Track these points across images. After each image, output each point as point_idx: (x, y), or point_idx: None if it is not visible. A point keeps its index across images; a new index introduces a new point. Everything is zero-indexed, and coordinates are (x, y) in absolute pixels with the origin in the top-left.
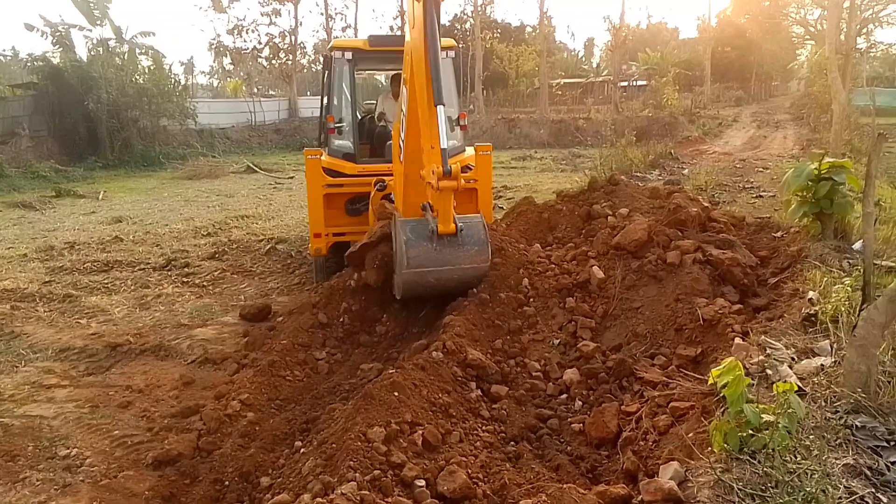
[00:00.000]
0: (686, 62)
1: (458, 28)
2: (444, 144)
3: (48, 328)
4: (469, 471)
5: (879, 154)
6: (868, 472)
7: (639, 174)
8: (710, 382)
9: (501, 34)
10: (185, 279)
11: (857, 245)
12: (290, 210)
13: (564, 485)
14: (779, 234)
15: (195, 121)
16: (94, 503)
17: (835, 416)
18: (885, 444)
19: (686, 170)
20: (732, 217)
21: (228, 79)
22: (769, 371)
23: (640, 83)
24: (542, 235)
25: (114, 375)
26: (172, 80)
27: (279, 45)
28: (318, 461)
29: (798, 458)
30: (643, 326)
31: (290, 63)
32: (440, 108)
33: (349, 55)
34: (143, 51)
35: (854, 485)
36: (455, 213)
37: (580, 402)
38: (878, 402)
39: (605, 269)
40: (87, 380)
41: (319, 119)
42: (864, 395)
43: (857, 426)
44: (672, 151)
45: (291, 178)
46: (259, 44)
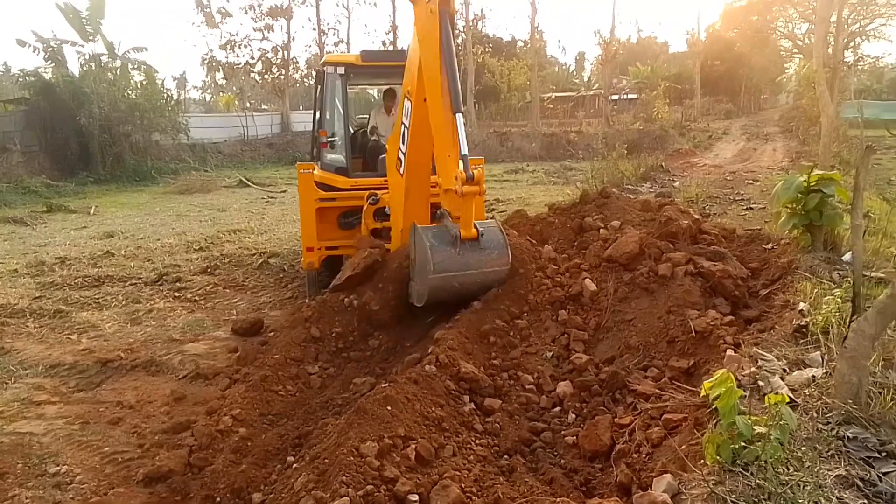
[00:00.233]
0: (676, 76)
1: None
2: (465, 150)
3: (38, 344)
4: (462, 485)
5: (867, 166)
6: (860, 483)
7: (630, 187)
8: (703, 394)
9: (493, 48)
10: (177, 294)
11: (847, 256)
12: (283, 224)
13: (558, 498)
14: (769, 246)
15: (187, 135)
16: None
17: (826, 428)
18: (877, 455)
19: (677, 182)
20: (723, 229)
21: (221, 93)
22: (761, 382)
23: (631, 97)
24: None
25: (104, 391)
26: (165, 95)
27: (272, 60)
28: (311, 476)
29: (790, 470)
30: (636, 339)
31: (283, 78)
32: (459, 116)
33: (342, 70)
34: (136, 66)
35: (846, 496)
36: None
37: (573, 415)
38: (870, 413)
39: (598, 282)
40: (78, 396)
41: (312, 133)
42: (856, 407)
43: (849, 437)
44: (663, 164)
45: (284, 192)
46: (252, 59)
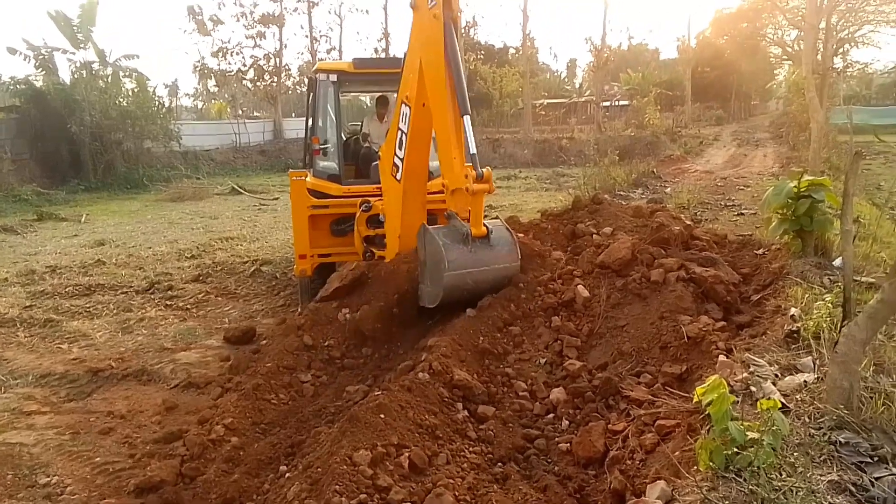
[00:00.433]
0: (667, 82)
1: None
2: (473, 150)
3: (29, 354)
4: (456, 493)
5: (857, 172)
6: (853, 489)
7: (622, 193)
8: (696, 400)
9: (485, 55)
10: (169, 302)
11: (838, 262)
12: (275, 231)
13: None
14: (760, 252)
15: (179, 143)
16: None
17: (819, 433)
18: (869, 460)
19: (668, 188)
20: (715, 235)
21: (213, 101)
22: (753, 388)
23: (623, 103)
24: None
25: (95, 401)
26: (156, 103)
27: (264, 68)
28: (304, 486)
29: (783, 476)
30: (629, 344)
31: (275, 85)
32: (466, 118)
33: (334, 77)
34: (127, 73)
35: (839, 501)
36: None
37: (567, 422)
38: (861, 418)
39: (591, 288)
40: (68, 406)
41: (304, 140)
42: (847, 412)
43: (841, 442)
44: (654, 170)
45: (276, 200)
46: (244, 66)
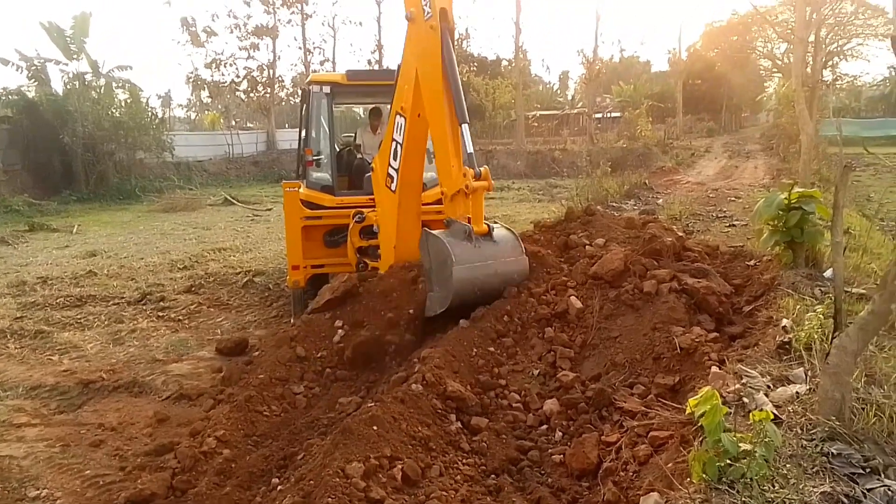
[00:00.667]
0: (658, 94)
1: None
2: (470, 149)
3: (19, 365)
4: None
5: (847, 184)
6: (845, 500)
7: (614, 204)
8: (688, 412)
9: (478, 67)
10: (161, 313)
11: (828, 273)
12: (268, 242)
13: None
14: (752, 263)
15: (172, 153)
16: None
17: (811, 444)
18: (861, 472)
19: (660, 200)
20: (707, 246)
21: (206, 112)
22: (746, 399)
23: (615, 115)
24: None
25: (86, 413)
26: (149, 114)
27: (257, 79)
28: (296, 498)
29: (776, 487)
30: (621, 356)
31: (268, 96)
32: (465, 127)
33: (327, 89)
34: (120, 84)
35: None
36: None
37: (560, 433)
38: (853, 430)
39: (584, 299)
40: (59, 418)
41: (298, 152)
42: (839, 423)
43: (833, 454)
44: (646, 182)
45: (269, 211)
46: (237, 77)
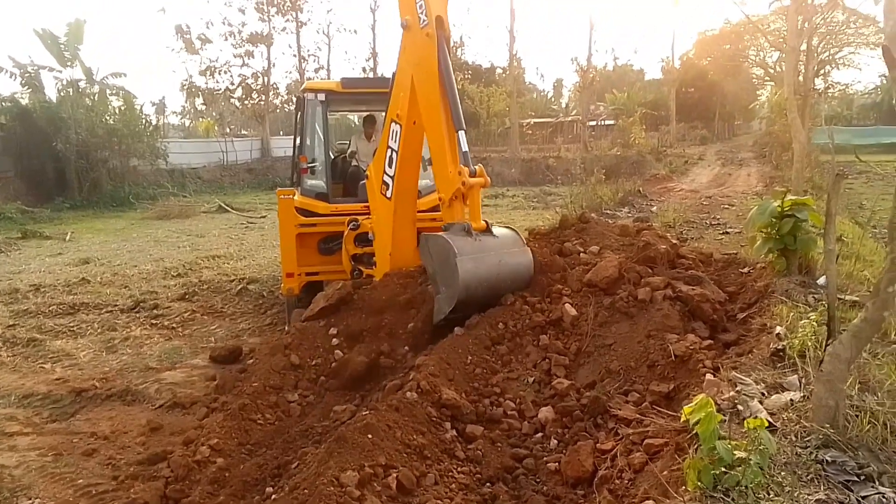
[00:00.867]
0: (652, 102)
1: None
2: (466, 148)
3: (11, 373)
4: None
5: (838, 193)
6: None
7: (609, 211)
8: (683, 419)
9: (473, 75)
10: (154, 321)
11: (822, 280)
12: (262, 250)
13: None
14: (746, 270)
15: (166, 161)
16: None
17: (805, 452)
18: (856, 479)
19: (654, 207)
20: (700, 253)
21: (200, 119)
22: (740, 407)
23: (608, 123)
24: None
25: (78, 422)
26: (143, 121)
27: (252, 86)
28: None
29: (771, 495)
30: (616, 363)
31: (263, 103)
32: (461, 134)
33: (322, 97)
34: (114, 91)
35: None
36: None
37: (555, 441)
38: (847, 437)
39: (578, 307)
40: (51, 427)
41: (292, 159)
42: (834, 430)
43: (828, 461)
44: (640, 189)
45: (263, 218)
46: (232, 84)
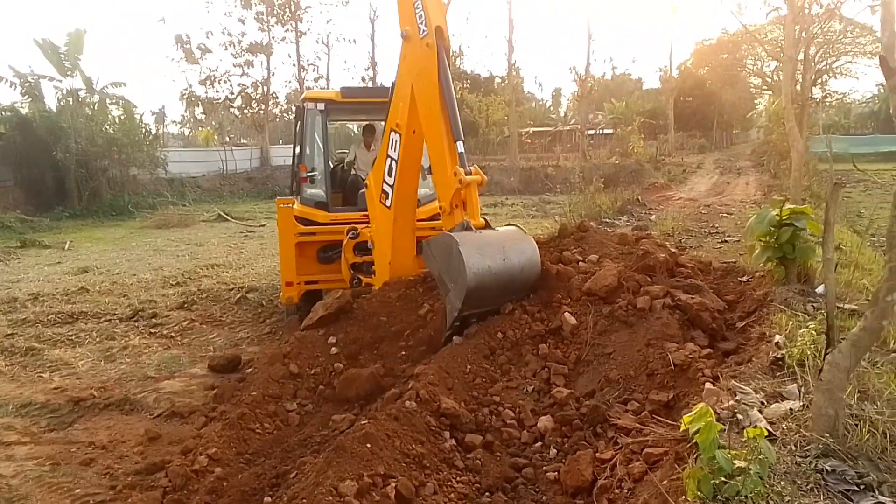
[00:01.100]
0: (650, 111)
1: None
2: (461, 149)
3: (9, 383)
4: None
5: (837, 201)
6: None
7: (607, 220)
8: (683, 428)
9: (471, 85)
10: (153, 330)
11: (820, 289)
12: (262, 258)
13: None
14: (745, 279)
15: (165, 170)
16: None
17: (805, 461)
18: (856, 488)
19: (653, 216)
20: (699, 262)
21: (200, 128)
22: (740, 416)
23: (607, 131)
24: None
25: (76, 431)
26: (143, 130)
27: (251, 95)
28: None
29: None
30: (616, 372)
31: (263, 112)
32: (460, 144)
33: (321, 106)
34: (114, 101)
35: None
36: None
37: (555, 450)
38: (847, 446)
39: (578, 315)
40: (49, 436)
41: (292, 168)
42: (833, 439)
43: (828, 470)
44: (639, 198)
45: (263, 227)
46: (231, 94)
